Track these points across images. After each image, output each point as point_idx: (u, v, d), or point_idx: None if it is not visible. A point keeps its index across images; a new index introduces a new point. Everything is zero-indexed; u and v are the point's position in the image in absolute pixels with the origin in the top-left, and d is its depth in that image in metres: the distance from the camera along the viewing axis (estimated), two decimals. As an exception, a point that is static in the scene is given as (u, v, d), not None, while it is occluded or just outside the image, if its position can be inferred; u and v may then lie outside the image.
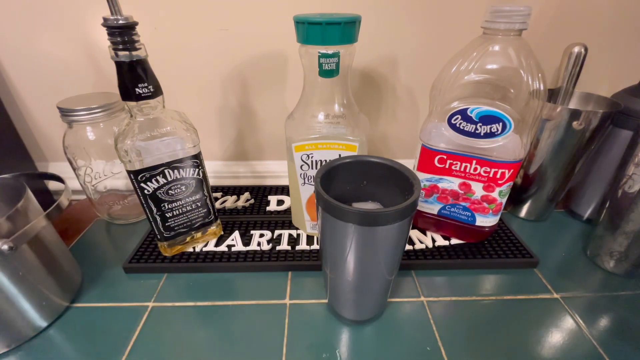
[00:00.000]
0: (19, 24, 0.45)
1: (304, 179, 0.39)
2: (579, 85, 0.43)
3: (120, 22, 0.29)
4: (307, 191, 0.40)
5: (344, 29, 0.30)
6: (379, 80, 0.50)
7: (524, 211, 0.49)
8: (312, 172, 0.38)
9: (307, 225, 0.43)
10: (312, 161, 0.37)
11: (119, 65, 0.30)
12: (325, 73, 0.33)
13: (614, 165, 0.43)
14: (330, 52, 0.31)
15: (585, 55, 0.41)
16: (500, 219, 0.44)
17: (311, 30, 0.31)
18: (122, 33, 0.29)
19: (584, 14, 0.46)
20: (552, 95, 0.45)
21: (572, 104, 0.46)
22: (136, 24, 0.30)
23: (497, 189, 0.38)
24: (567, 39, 0.43)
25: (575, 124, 0.40)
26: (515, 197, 0.49)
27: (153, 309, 0.36)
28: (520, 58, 0.31)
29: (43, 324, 0.33)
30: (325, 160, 0.37)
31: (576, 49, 0.41)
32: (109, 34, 0.29)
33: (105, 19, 0.29)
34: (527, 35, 0.35)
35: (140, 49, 0.31)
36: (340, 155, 0.37)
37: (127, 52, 0.30)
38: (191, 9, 0.44)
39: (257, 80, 0.50)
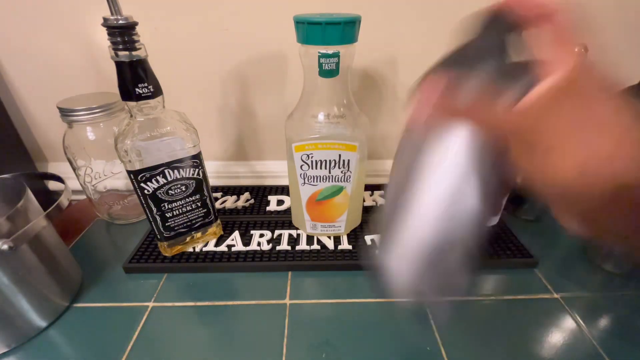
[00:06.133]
0: (19, 24, 0.45)
1: (304, 179, 0.39)
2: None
3: (120, 22, 0.29)
4: (307, 191, 0.40)
5: (344, 29, 0.30)
6: (379, 80, 0.50)
7: (523, 211, 0.49)
8: (312, 172, 0.38)
9: (307, 225, 0.43)
10: (312, 161, 0.37)
11: (119, 65, 0.30)
12: (325, 73, 0.33)
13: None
14: (330, 52, 0.31)
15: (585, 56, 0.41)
16: (500, 219, 0.44)
17: (311, 30, 0.31)
18: (122, 33, 0.29)
19: (584, 13, 0.46)
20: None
21: (572, 104, 0.46)
22: (136, 24, 0.30)
23: (497, 189, 0.38)
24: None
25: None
26: (515, 197, 0.49)
27: (153, 309, 0.36)
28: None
29: (43, 324, 0.33)
30: (326, 161, 0.37)
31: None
32: (109, 34, 0.29)
33: (105, 19, 0.29)
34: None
35: (140, 49, 0.31)
36: (340, 155, 0.37)
37: (127, 52, 0.30)
38: (191, 9, 0.44)
39: (257, 80, 0.50)
